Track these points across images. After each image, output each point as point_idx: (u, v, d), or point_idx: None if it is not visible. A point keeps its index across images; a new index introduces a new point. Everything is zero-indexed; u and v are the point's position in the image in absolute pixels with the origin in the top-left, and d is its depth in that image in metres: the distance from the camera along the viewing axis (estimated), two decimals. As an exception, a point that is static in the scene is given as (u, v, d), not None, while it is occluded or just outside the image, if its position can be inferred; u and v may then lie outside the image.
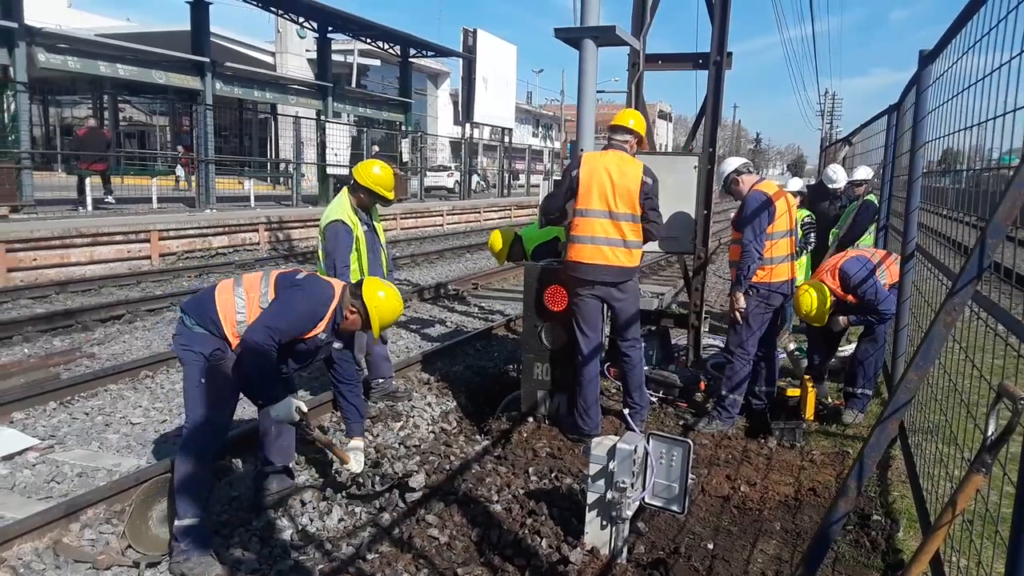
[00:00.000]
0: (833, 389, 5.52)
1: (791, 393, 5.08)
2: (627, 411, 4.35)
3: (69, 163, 16.86)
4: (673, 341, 6.22)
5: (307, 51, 31.04)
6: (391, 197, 5.00)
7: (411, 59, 25.52)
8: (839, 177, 7.85)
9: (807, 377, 5.09)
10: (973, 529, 2.59)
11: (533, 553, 3.06)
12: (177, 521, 3.09)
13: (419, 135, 25.65)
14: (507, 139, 31.01)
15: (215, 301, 3.23)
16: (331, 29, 21.57)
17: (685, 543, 3.19)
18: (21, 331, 7.10)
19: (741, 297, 4.65)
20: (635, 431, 3.12)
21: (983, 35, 2.38)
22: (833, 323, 4.99)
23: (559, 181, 4.75)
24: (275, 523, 3.56)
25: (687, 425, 4.83)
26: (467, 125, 28.81)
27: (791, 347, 6.11)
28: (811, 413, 4.90)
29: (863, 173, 7.70)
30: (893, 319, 4.61)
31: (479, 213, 23.46)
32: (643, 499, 3.04)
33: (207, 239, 13.01)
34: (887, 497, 3.65)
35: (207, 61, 16.36)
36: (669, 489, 3.03)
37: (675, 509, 3.03)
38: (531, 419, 4.65)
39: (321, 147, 18.90)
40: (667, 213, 4.71)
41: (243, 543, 3.38)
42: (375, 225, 5.06)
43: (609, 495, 2.96)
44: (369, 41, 24.10)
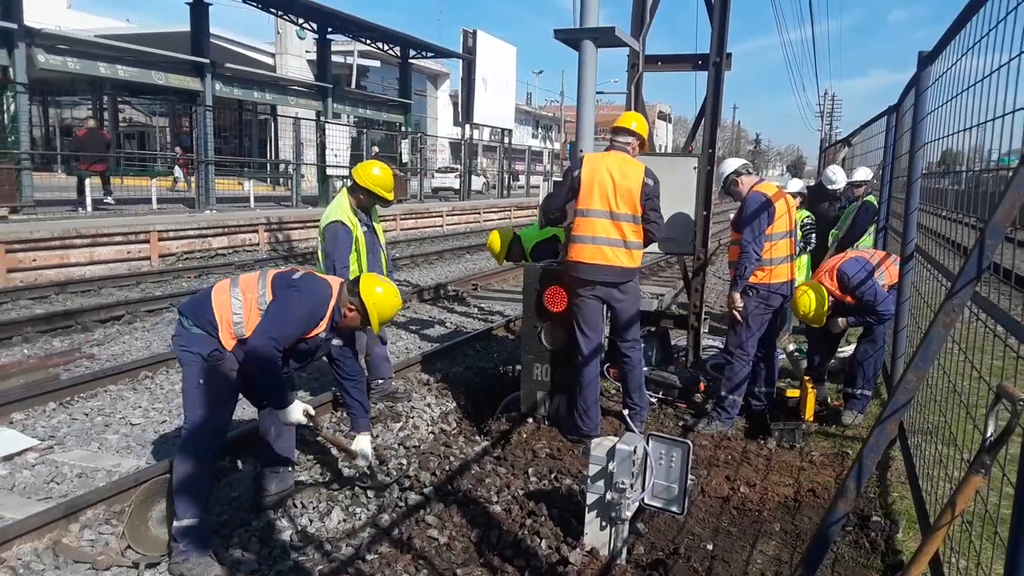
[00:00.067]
0: (832, 390, 5.52)
1: (790, 394, 5.08)
2: (627, 412, 4.37)
3: (69, 164, 16.86)
4: (673, 342, 6.22)
5: (307, 52, 31.08)
6: (390, 198, 5.01)
7: (411, 60, 25.54)
8: (838, 178, 7.86)
9: (807, 378, 5.09)
10: (972, 530, 2.59)
11: (532, 554, 3.06)
12: (176, 522, 3.09)
13: (419, 136, 25.66)
14: (507, 140, 31.00)
15: (212, 302, 3.24)
16: (331, 30, 21.58)
17: (684, 544, 3.19)
18: (21, 332, 7.10)
19: (738, 297, 4.66)
20: (635, 432, 3.13)
21: (982, 36, 2.38)
22: (832, 325, 4.99)
23: (559, 182, 4.76)
24: (275, 523, 3.56)
25: (686, 426, 4.83)
26: (467, 126, 28.79)
27: (791, 348, 6.11)
28: (810, 414, 4.90)
29: (862, 174, 7.71)
30: (892, 320, 4.62)
31: (479, 214, 23.47)
32: (642, 500, 3.04)
33: (207, 240, 13.01)
34: (887, 498, 3.65)
35: (207, 62, 16.37)
36: (668, 490, 3.03)
37: (674, 510, 3.04)
38: (531, 420, 4.65)
39: (321, 148, 18.89)
40: (667, 214, 4.72)
41: (243, 543, 3.38)
42: (375, 226, 5.06)
43: (609, 496, 2.96)
44: (369, 42, 24.12)
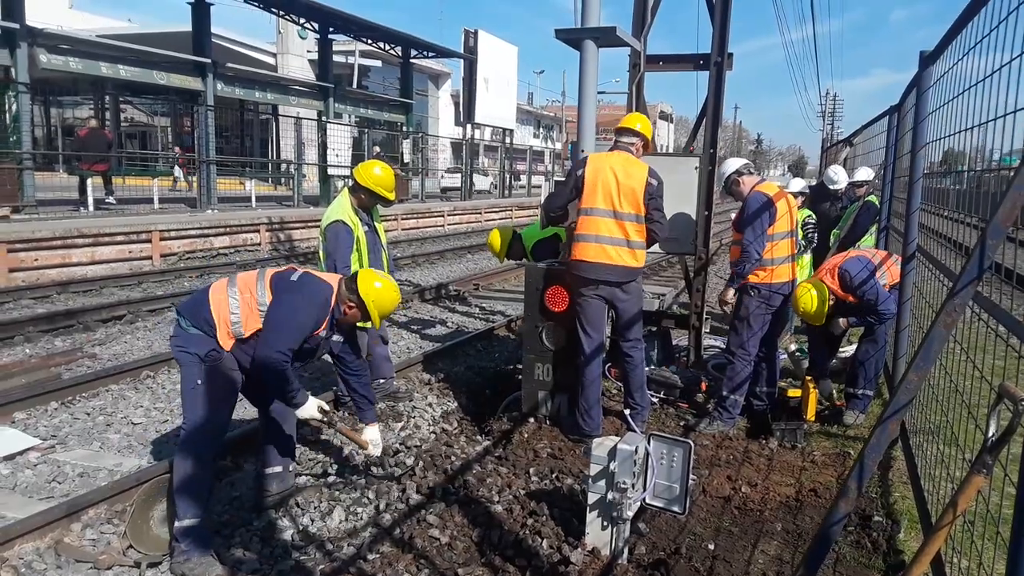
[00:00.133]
0: (834, 390, 5.51)
1: (792, 394, 5.08)
2: (628, 412, 4.35)
3: (70, 164, 16.86)
4: (674, 342, 6.22)
5: (308, 52, 31.07)
6: (392, 198, 5.01)
7: (412, 60, 25.53)
8: (840, 178, 7.85)
9: (808, 378, 5.09)
10: (974, 530, 2.59)
11: (534, 553, 3.06)
12: (177, 522, 3.10)
13: (420, 136, 25.65)
14: (508, 140, 31.00)
15: (209, 302, 3.24)
16: (332, 30, 21.57)
17: (686, 544, 3.19)
18: (22, 331, 7.11)
19: (731, 292, 4.72)
20: (636, 432, 3.12)
21: (984, 36, 2.38)
22: (833, 326, 4.98)
23: (561, 181, 4.76)
24: (276, 523, 3.56)
25: (688, 426, 4.83)
26: (468, 126, 28.80)
27: (792, 348, 6.11)
28: (812, 414, 4.90)
29: (864, 174, 7.70)
30: (893, 320, 4.61)
31: (480, 214, 23.47)
32: (644, 500, 3.04)
33: (208, 239, 13.02)
34: (888, 498, 3.65)
35: (208, 62, 16.37)
36: (670, 490, 3.03)
37: (676, 510, 3.03)
38: (532, 420, 4.66)
39: (322, 148, 18.89)
40: (668, 214, 4.72)
41: (244, 543, 3.39)
42: (376, 225, 5.06)
43: (610, 496, 2.96)
44: (370, 42, 24.12)
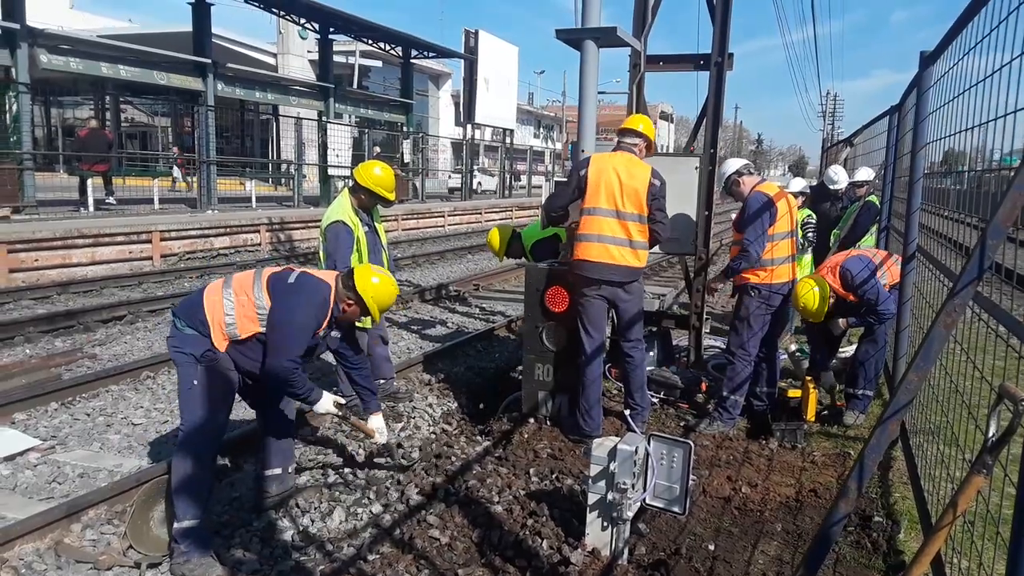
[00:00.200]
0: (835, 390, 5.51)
1: (792, 394, 5.07)
2: (628, 412, 4.36)
3: (71, 164, 16.88)
4: (674, 342, 6.22)
5: (308, 52, 31.10)
6: (392, 198, 5.01)
7: (413, 60, 25.53)
8: (840, 178, 7.85)
9: (808, 378, 5.09)
10: (974, 530, 2.59)
11: (534, 554, 3.06)
12: (176, 523, 3.09)
13: (420, 136, 25.65)
14: (508, 140, 31.00)
15: (204, 302, 3.23)
16: (333, 30, 21.58)
17: (686, 544, 3.19)
18: (23, 332, 7.11)
19: (720, 283, 4.79)
20: (636, 432, 3.12)
21: (984, 36, 2.38)
22: (833, 327, 4.98)
23: (562, 181, 4.76)
24: (276, 524, 3.56)
25: (688, 426, 4.83)
26: (468, 126, 28.79)
27: (792, 348, 6.11)
28: (812, 414, 4.89)
29: (864, 174, 7.70)
30: (893, 320, 4.61)
31: (481, 214, 23.47)
32: (644, 500, 3.04)
33: (208, 240, 13.02)
34: (888, 498, 3.64)
35: (209, 62, 16.38)
36: (670, 490, 3.03)
37: (676, 510, 3.03)
38: (532, 420, 4.66)
39: (323, 148, 18.90)
40: (668, 214, 4.72)
41: (244, 544, 3.39)
42: (376, 226, 5.06)
43: (610, 496, 2.96)
44: (371, 42, 24.12)
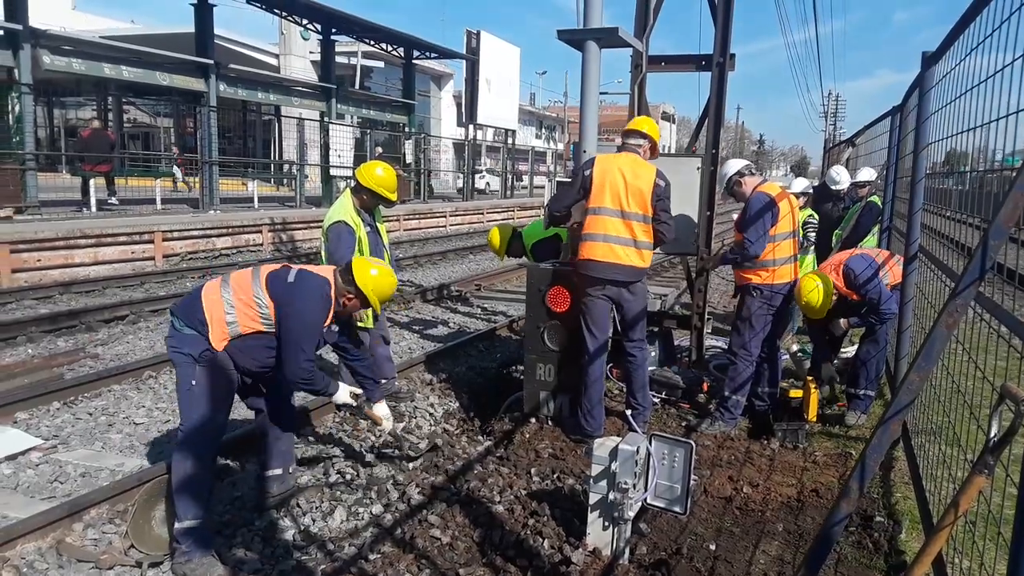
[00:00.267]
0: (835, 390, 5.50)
1: (794, 394, 5.07)
2: (630, 412, 4.36)
3: (73, 164, 16.87)
4: (676, 342, 6.22)
5: (311, 53, 31.09)
6: (393, 198, 5.02)
7: (414, 61, 25.55)
8: (842, 179, 7.85)
9: (810, 378, 5.09)
10: (975, 530, 2.59)
11: (535, 554, 3.07)
12: (177, 523, 3.09)
13: (422, 136, 25.67)
14: (510, 141, 31.02)
15: (202, 302, 3.23)
16: (335, 31, 21.59)
17: (687, 544, 3.19)
18: (25, 331, 7.13)
19: (713, 264, 5.14)
20: (638, 432, 3.12)
21: (986, 36, 2.38)
22: (834, 327, 4.98)
23: (564, 182, 4.75)
24: (277, 523, 3.57)
25: (690, 426, 4.83)
26: (470, 127, 28.80)
27: (794, 348, 6.11)
28: (814, 414, 4.89)
29: (866, 175, 7.70)
30: (894, 320, 4.61)
31: (482, 214, 23.47)
32: (645, 500, 3.04)
33: (211, 240, 13.04)
34: (890, 498, 3.64)
35: (211, 63, 16.40)
36: (671, 490, 3.03)
37: (677, 510, 3.03)
38: (534, 420, 4.66)
39: (324, 148, 18.91)
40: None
41: (245, 543, 3.39)
42: (378, 226, 5.07)
43: (611, 496, 2.96)
44: (372, 43, 24.13)
